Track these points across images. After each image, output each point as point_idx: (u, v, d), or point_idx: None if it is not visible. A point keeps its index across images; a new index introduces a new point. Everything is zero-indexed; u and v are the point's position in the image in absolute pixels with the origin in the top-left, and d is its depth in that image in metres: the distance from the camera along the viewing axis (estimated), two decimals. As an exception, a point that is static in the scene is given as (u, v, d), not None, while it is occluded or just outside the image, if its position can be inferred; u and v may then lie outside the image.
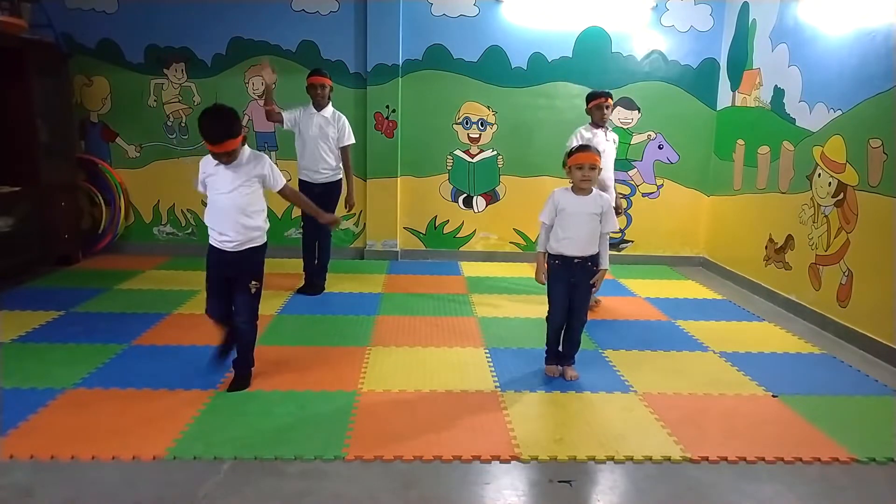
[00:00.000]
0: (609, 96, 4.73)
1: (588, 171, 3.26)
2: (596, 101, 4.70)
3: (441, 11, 6.03)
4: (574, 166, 3.29)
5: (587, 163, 3.26)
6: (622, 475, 2.60)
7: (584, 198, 3.33)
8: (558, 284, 3.42)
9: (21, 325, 4.07)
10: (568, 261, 3.35)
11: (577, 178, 3.29)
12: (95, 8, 5.94)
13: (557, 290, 3.43)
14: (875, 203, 4.00)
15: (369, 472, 2.55)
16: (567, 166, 3.35)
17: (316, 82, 4.80)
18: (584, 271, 3.37)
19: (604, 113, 4.70)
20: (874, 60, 4.05)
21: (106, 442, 2.70)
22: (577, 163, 3.28)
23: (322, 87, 4.81)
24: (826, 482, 2.58)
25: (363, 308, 4.71)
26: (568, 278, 3.39)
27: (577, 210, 3.31)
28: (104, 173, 6.15)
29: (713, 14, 6.08)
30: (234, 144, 3.00)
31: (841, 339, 4.26)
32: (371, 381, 3.39)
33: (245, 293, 3.19)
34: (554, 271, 3.43)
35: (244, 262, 3.17)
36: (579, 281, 3.39)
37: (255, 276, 3.21)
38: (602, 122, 4.73)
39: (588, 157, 3.27)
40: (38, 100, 5.30)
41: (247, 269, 3.19)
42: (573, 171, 3.30)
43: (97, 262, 5.87)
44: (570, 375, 3.50)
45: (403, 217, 6.43)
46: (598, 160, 3.29)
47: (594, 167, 3.27)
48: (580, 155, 3.29)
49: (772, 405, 3.26)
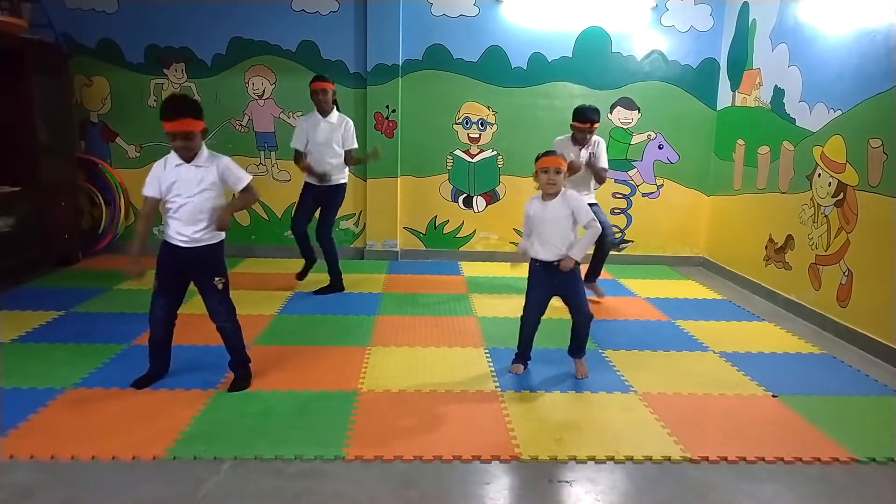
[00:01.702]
0: (596, 122, 4.65)
1: (553, 175, 3.30)
2: (580, 125, 4.65)
3: (441, 11, 6.03)
4: (540, 170, 3.33)
5: (552, 166, 3.30)
6: (622, 475, 2.60)
7: (551, 203, 3.36)
8: (536, 287, 3.48)
9: (21, 325, 4.07)
10: (547, 265, 3.39)
11: (543, 182, 3.34)
12: (95, 8, 5.94)
13: (534, 293, 3.49)
14: (875, 203, 4.00)
15: (369, 472, 2.55)
16: (535, 172, 3.38)
17: (318, 88, 4.78)
18: (566, 272, 3.37)
19: (585, 137, 4.70)
20: (874, 60, 4.05)
21: (106, 442, 2.69)
22: (542, 167, 3.32)
23: (325, 93, 4.78)
24: (826, 482, 2.58)
25: (363, 308, 4.70)
26: (550, 282, 3.42)
27: (547, 216, 3.36)
28: (104, 173, 6.15)
29: (713, 14, 6.08)
30: (194, 125, 2.93)
31: (841, 339, 4.26)
32: (371, 381, 3.39)
33: (212, 292, 3.15)
34: (534, 273, 3.48)
35: (202, 257, 3.11)
36: (563, 282, 3.41)
37: (216, 271, 3.15)
38: (582, 143, 4.73)
39: (553, 160, 3.31)
40: (38, 100, 5.30)
41: (206, 265, 3.13)
42: (539, 175, 3.34)
43: (97, 262, 5.87)
44: (581, 373, 3.52)
45: (403, 217, 6.43)
46: (564, 164, 3.34)
47: (559, 171, 3.30)
48: (545, 159, 3.34)
49: (772, 405, 3.26)
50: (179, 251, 3.09)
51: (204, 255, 3.12)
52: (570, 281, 3.40)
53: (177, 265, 3.14)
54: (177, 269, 3.15)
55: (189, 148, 2.98)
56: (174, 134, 2.92)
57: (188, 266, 3.14)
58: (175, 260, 3.12)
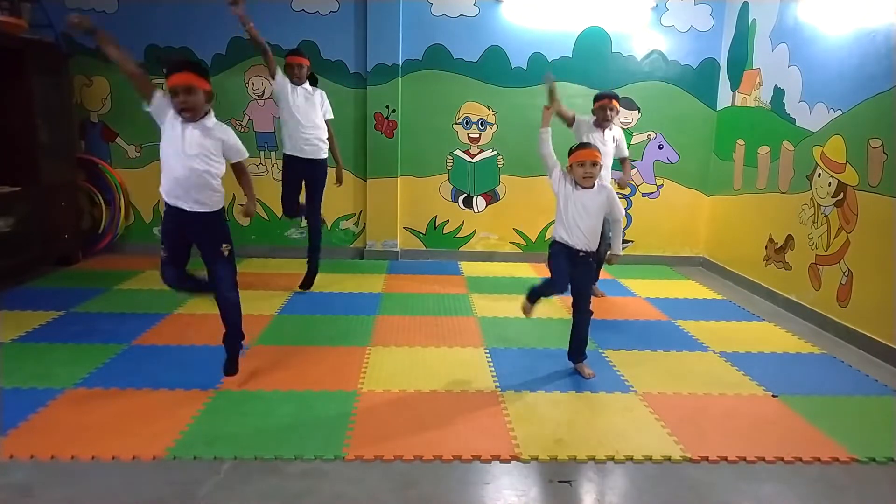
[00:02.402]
0: (614, 98, 4.77)
1: (590, 168, 3.28)
2: (600, 102, 4.76)
3: (441, 11, 6.03)
4: (575, 163, 3.31)
5: (588, 160, 3.27)
6: (622, 475, 2.60)
7: (589, 192, 3.34)
8: (558, 260, 3.39)
9: (21, 325, 4.07)
10: (572, 251, 3.37)
11: (580, 176, 3.31)
12: (95, 8, 5.94)
13: (559, 263, 3.39)
14: (875, 203, 4.00)
15: (369, 472, 2.55)
16: (569, 164, 3.36)
17: (294, 62, 4.74)
18: (585, 265, 3.38)
19: (606, 114, 4.74)
20: (874, 60, 4.05)
21: (106, 442, 2.70)
22: (578, 160, 3.30)
23: (300, 68, 4.75)
24: (826, 482, 2.58)
25: (363, 308, 4.70)
26: (570, 262, 3.39)
27: (580, 203, 3.33)
28: (104, 173, 6.15)
29: (713, 14, 6.08)
30: (195, 80, 2.89)
31: (841, 339, 4.26)
32: (371, 381, 3.39)
33: (220, 259, 3.12)
34: (556, 250, 3.43)
35: (208, 225, 3.08)
36: (580, 274, 3.41)
37: (224, 237, 3.13)
38: (604, 123, 4.77)
39: (590, 153, 3.29)
40: (38, 100, 5.30)
41: (212, 232, 3.10)
42: (574, 168, 3.32)
43: (97, 262, 5.87)
44: (587, 373, 3.52)
45: (403, 217, 6.43)
46: (600, 157, 3.31)
47: (595, 163, 3.28)
48: (581, 152, 3.31)
49: (772, 405, 3.26)
50: (184, 217, 3.03)
51: (209, 222, 3.09)
52: (585, 275, 3.41)
53: (183, 236, 3.11)
54: (182, 235, 3.11)
55: (190, 104, 2.90)
56: (175, 89, 2.88)
57: (194, 234, 3.10)
58: (179, 226, 3.08)
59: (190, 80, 2.89)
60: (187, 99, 2.90)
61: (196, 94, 2.91)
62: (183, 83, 2.88)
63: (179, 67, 2.93)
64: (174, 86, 2.89)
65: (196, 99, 2.92)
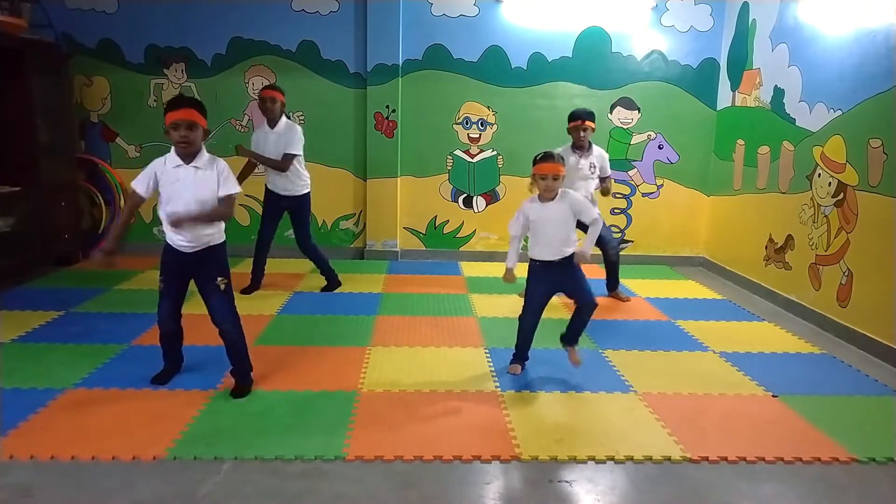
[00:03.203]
0: (588, 118, 4.69)
1: (551, 182, 3.29)
2: (572, 123, 4.73)
3: (441, 11, 6.03)
4: (538, 176, 3.32)
5: (550, 173, 3.28)
6: (622, 475, 2.60)
7: (551, 204, 3.35)
8: (538, 285, 3.47)
9: (21, 325, 4.07)
10: (548, 263, 3.39)
11: (542, 188, 3.34)
12: (95, 8, 5.94)
13: (535, 290, 3.48)
14: (875, 203, 4.00)
15: (370, 472, 2.55)
16: (532, 174, 3.37)
17: (266, 96, 4.66)
18: (567, 268, 3.40)
19: (580, 135, 4.71)
20: (874, 60, 4.05)
21: (106, 442, 2.70)
22: (540, 173, 3.31)
23: (272, 101, 4.65)
24: (826, 482, 2.58)
25: (363, 308, 4.71)
26: (551, 279, 3.43)
27: (548, 217, 3.35)
28: (104, 173, 6.15)
29: (713, 14, 6.08)
30: (197, 117, 2.94)
31: (841, 339, 4.26)
32: (371, 381, 3.39)
33: (216, 293, 3.13)
34: (534, 272, 3.47)
35: (205, 259, 3.11)
36: (565, 275, 3.42)
37: (219, 271, 3.15)
38: (580, 144, 4.74)
39: (551, 167, 3.29)
40: (38, 100, 5.30)
41: (209, 266, 3.12)
42: (537, 180, 3.34)
43: (97, 262, 5.87)
44: (574, 360, 3.51)
45: (403, 217, 6.43)
46: (561, 170, 3.31)
47: (557, 177, 3.29)
48: (543, 165, 3.31)
49: (772, 405, 3.26)
50: (181, 254, 3.09)
51: (207, 256, 3.11)
52: (570, 273, 3.41)
53: (181, 268, 3.14)
54: (181, 272, 3.15)
55: (190, 141, 2.95)
56: (177, 123, 2.91)
57: (191, 267, 3.13)
58: (179, 263, 3.12)
59: (192, 117, 2.94)
60: (188, 134, 2.94)
61: (196, 130, 2.97)
62: (185, 118, 2.92)
63: (181, 104, 2.97)
64: (176, 121, 2.92)
65: (196, 135, 2.97)
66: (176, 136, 2.94)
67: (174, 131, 2.93)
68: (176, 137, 2.94)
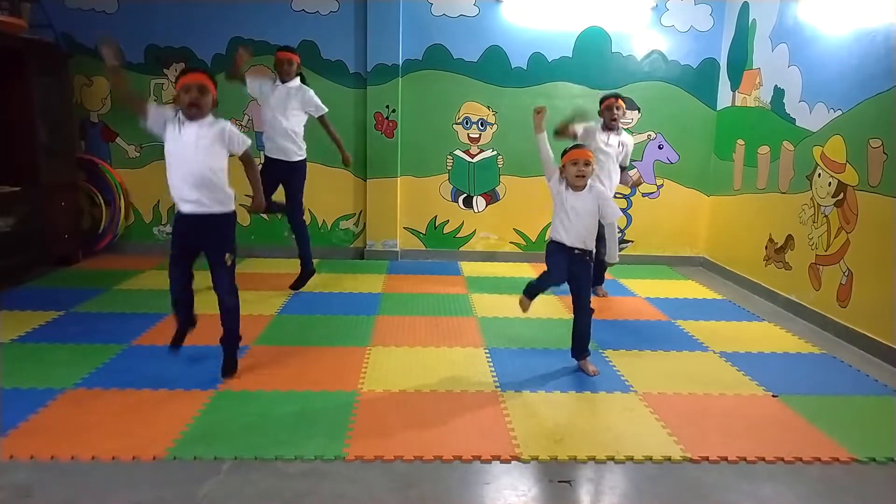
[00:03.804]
0: (619, 97, 4.86)
1: (583, 167, 3.31)
2: (606, 102, 4.86)
3: (441, 11, 6.03)
4: (569, 163, 3.34)
5: (582, 159, 3.31)
6: (622, 475, 2.60)
7: (581, 195, 3.37)
8: (553, 257, 3.47)
9: (21, 325, 4.07)
10: (566, 248, 3.41)
11: (572, 175, 3.34)
12: (95, 8, 5.94)
13: (556, 258, 3.47)
14: (875, 203, 4.00)
15: (370, 472, 2.55)
16: (562, 164, 3.40)
17: (283, 58, 4.73)
18: (582, 263, 3.41)
19: (613, 114, 4.82)
20: (874, 60, 4.05)
21: (106, 442, 2.69)
22: (571, 159, 3.34)
23: (290, 64, 4.74)
24: (826, 482, 2.58)
25: (363, 308, 4.70)
26: (566, 262, 3.44)
27: (576, 206, 3.37)
28: (104, 173, 6.15)
29: (713, 14, 6.08)
30: (208, 82, 3.04)
31: (841, 339, 4.26)
32: (371, 381, 3.39)
33: (222, 266, 3.23)
34: (551, 249, 3.49)
35: (214, 230, 3.18)
36: (577, 272, 3.43)
37: (228, 248, 3.24)
38: (612, 124, 4.83)
39: (582, 153, 3.34)
40: (38, 100, 5.29)
41: (218, 240, 3.21)
42: (567, 167, 3.36)
43: (97, 262, 5.87)
44: (591, 370, 3.53)
45: (403, 217, 6.43)
46: (592, 157, 3.36)
47: (588, 163, 3.32)
48: (574, 151, 3.37)
49: (772, 405, 3.26)
50: (191, 221, 3.14)
51: (216, 226, 3.18)
52: (582, 273, 3.43)
53: (190, 241, 3.21)
54: (190, 245, 3.23)
55: (200, 104, 3.02)
56: (188, 86, 3.01)
57: (201, 239, 3.20)
58: (188, 235, 3.19)
59: (203, 80, 3.05)
60: (198, 97, 3.03)
61: (206, 94, 3.06)
62: (196, 81, 3.03)
63: (193, 69, 3.12)
64: (188, 83, 3.02)
65: (206, 99, 3.05)
66: (186, 98, 3.01)
67: (185, 94, 3.01)
68: (186, 100, 3.02)
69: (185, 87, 3.01)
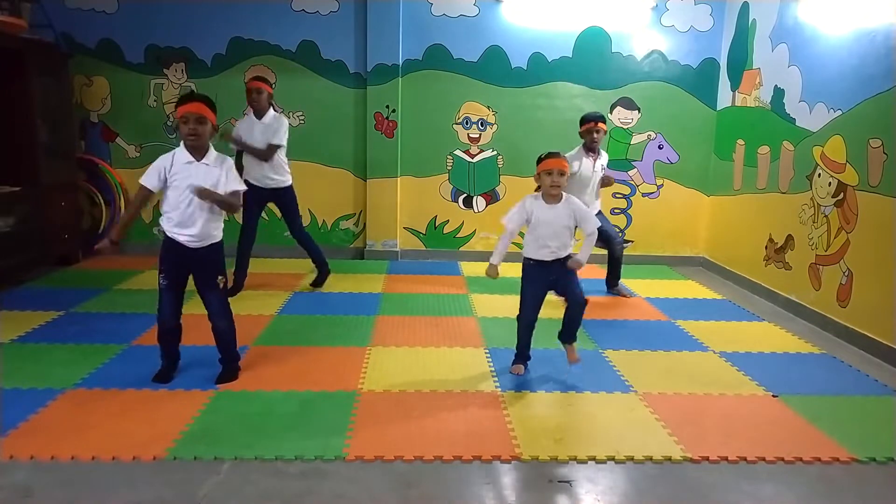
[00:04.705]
0: (600, 120, 4.83)
1: (557, 177, 3.27)
2: (585, 125, 4.84)
3: (441, 11, 6.03)
4: (543, 172, 3.30)
5: (556, 168, 3.27)
6: (622, 475, 2.60)
7: (555, 207, 3.34)
8: (532, 285, 3.48)
9: (21, 325, 4.07)
10: (542, 263, 3.39)
11: (547, 185, 3.30)
12: (95, 8, 5.94)
13: (530, 291, 3.49)
14: (875, 203, 4.00)
15: (370, 472, 2.55)
16: (537, 173, 3.36)
17: (252, 87, 4.67)
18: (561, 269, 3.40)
19: (593, 137, 4.81)
20: (874, 60, 4.05)
21: (106, 442, 2.70)
22: (546, 168, 3.29)
23: (258, 93, 4.65)
24: (826, 482, 2.58)
25: (363, 308, 4.70)
26: (546, 277, 3.43)
27: (550, 219, 3.33)
28: (104, 173, 6.15)
29: (713, 14, 6.08)
30: (206, 111, 3.05)
31: (841, 339, 4.26)
32: (371, 381, 3.39)
33: (215, 290, 3.26)
34: (528, 272, 3.48)
35: (207, 258, 3.21)
36: (559, 277, 3.43)
37: (219, 271, 3.27)
38: (593, 146, 4.83)
39: (557, 162, 3.29)
40: (38, 100, 5.29)
41: (210, 264, 3.23)
42: (542, 176, 3.32)
43: (97, 262, 5.87)
44: (572, 358, 3.50)
45: (403, 217, 6.43)
46: (567, 166, 3.32)
47: (563, 173, 3.28)
48: (549, 161, 3.31)
49: (772, 405, 3.26)
50: (185, 250, 3.15)
51: (209, 253, 3.20)
52: (563, 275, 3.42)
53: (181, 263, 3.20)
54: (182, 266, 3.21)
55: (198, 134, 3.05)
56: (186, 116, 3.02)
57: (193, 264, 3.21)
58: (180, 258, 3.18)
59: (201, 110, 3.05)
60: (196, 128, 3.04)
61: (205, 124, 3.07)
62: (195, 111, 3.05)
63: (190, 98, 3.10)
64: (186, 114, 3.03)
65: (205, 129, 3.07)
66: (185, 129, 3.04)
67: (184, 125, 3.04)
68: (185, 131, 3.05)
69: (183, 118, 3.03)
